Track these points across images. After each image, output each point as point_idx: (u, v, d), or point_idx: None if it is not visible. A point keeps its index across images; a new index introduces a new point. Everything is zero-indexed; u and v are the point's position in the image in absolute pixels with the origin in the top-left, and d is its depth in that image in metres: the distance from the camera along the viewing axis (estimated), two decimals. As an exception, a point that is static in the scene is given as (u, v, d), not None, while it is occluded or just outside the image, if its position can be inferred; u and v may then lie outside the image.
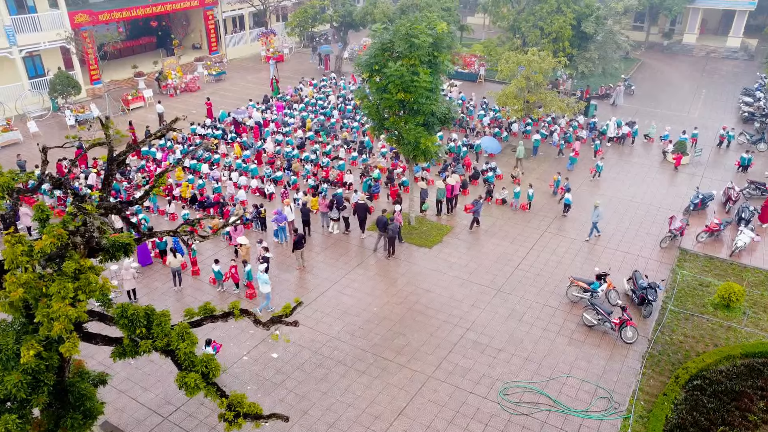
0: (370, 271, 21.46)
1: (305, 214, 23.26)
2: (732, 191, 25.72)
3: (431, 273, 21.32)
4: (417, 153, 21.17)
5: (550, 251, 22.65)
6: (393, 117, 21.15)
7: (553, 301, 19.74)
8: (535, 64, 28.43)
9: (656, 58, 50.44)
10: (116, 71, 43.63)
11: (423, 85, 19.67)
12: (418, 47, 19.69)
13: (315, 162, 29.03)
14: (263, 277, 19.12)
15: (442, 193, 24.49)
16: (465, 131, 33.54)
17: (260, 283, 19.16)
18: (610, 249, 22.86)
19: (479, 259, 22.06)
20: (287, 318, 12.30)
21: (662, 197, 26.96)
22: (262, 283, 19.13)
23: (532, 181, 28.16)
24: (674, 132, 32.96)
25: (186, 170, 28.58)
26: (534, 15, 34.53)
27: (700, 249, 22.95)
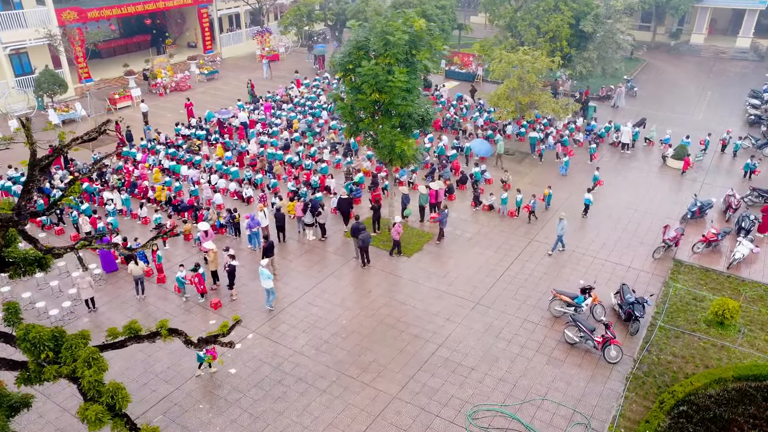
0: (343, 281, 20.40)
1: (279, 220, 22.27)
2: (732, 199, 24.35)
3: (407, 283, 20.22)
4: (393, 156, 20.09)
5: (536, 261, 21.46)
6: (368, 118, 20.08)
7: (534, 316, 18.56)
8: (527, 63, 27.21)
9: (662, 59, 48.91)
10: (108, 70, 42.94)
11: (398, 84, 18.57)
12: (393, 45, 18.60)
13: (297, 164, 28.04)
14: (265, 272, 18.28)
15: (424, 198, 23.37)
16: (457, 133, 32.37)
17: (262, 278, 18.34)
18: (599, 259, 21.63)
19: (460, 269, 20.93)
20: (223, 338, 11.28)
21: (659, 204, 25.65)
22: (264, 278, 18.29)
23: (523, 186, 26.91)
24: (676, 136, 31.56)
25: (166, 172, 27.72)
26: (530, 13, 33.30)
27: (696, 260, 21.65)
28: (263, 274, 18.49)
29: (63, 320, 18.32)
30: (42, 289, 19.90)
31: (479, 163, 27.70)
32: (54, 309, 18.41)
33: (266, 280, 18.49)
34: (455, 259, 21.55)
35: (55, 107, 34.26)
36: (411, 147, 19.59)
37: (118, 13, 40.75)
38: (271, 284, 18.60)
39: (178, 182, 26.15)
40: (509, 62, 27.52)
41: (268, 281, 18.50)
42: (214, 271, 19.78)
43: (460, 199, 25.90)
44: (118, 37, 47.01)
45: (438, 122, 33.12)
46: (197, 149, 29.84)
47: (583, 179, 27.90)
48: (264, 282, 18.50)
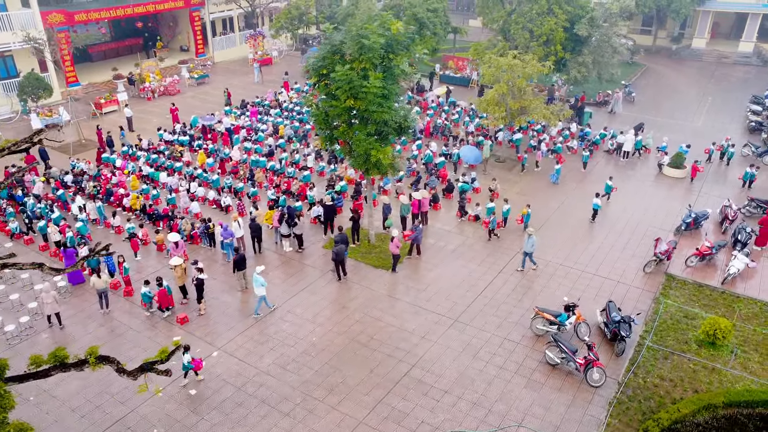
0: (317, 295, 19.53)
1: (255, 230, 21.44)
2: (729, 209, 23.34)
3: (384, 298, 19.32)
4: (368, 166, 19.22)
5: (520, 275, 20.51)
6: (343, 126, 19.23)
7: (515, 335, 17.62)
8: (517, 68, 26.30)
9: (663, 63, 47.87)
10: (98, 73, 42.34)
11: (373, 90, 17.72)
12: (368, 49, 17.76)
13: (280, 172, 27.22)
14: (258, 279, 17.82)
15: (406, 209, 22.47)
16: (447, 139, 31.48)
17: (255, 285, 17.98)
18: (587, 273, 20.67)
19: (440, 284, 20.02)
20: (161, 365, 10.43)
21: (653, 215, 24.66)
22: (257, 285, 17.91)
23: (513, 196, 26.03)
24: (674, 142, 30.56)
25: (145, 179, 26.99)
26: (524, 16, 32.41)
27: (689, 275, 20.65)
28: (257, 281, 17.88)
29: (20, 336, 17.52)
30: (1, 302, 19.11)
31: (467, 173, 26.79)
32: (10, 324, 17.61)
33: (259, 287, 17.94)
34: (436, 273, 20.64)
35: (38, 112, 33.59)
36: (387, 156, 18.71)
37: (106, 16, 40.17)
38: (264, 291, 18.11)
39: (155, 190, 25.35)
40: (498, 67, 26.62)
41: (261, 288, 17.94)
42: (182, 286, 18.95)
43: (446, 209, 25.01)
44: (110, 41, 46.47)
45: (428, 128, 32.27)
46: (179, 156, 29.08)
47: (575, 188, 26.97)
48: (257, 289, 18.00)
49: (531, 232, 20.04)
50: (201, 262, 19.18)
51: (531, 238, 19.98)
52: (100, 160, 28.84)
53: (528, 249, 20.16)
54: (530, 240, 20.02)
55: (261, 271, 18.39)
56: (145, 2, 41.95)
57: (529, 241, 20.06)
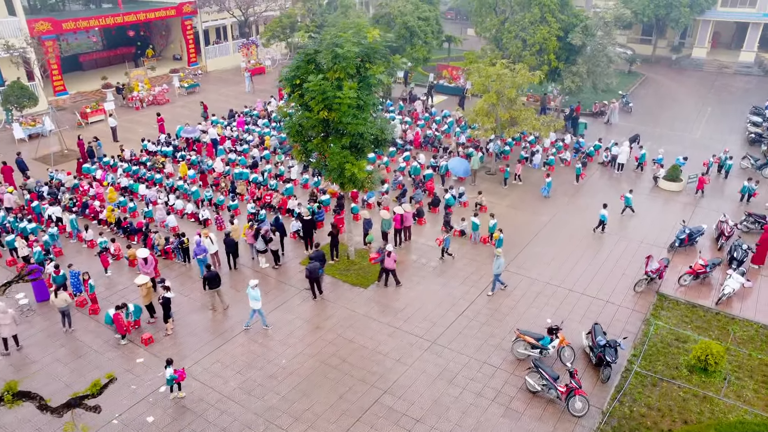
0: (290, 314, 18.67)
1: (230, 246, 20.65)
2: (725, 225, 22.38)
3: (360, 318, 18.45)
4: (343, 180, 18.42)
5: (504, 294, 19.61)
6: (317, 139, 18.46)
7: (495, 359, 16.70)
8: (506, 77, 25.51)
9: (662, 73, 47.01)
10: (88, 82, 41.82)
11: (347, 101, 16.95)
12: (343, 58, 17.01)
13: (263, 184, 26.47)
14: (252, 292, 17.25)
15: (387, 224, 21.61)
16: (437, 150, 30.68)
17: (249, 299, 17.41)
18: (575, 293, 19.74)
19: (419, 303, 19.13)
20: (91, 399, 9.59)
21: (647, 230, 23.73)
22: (251, 299, 17.33)
23: (503, 210, 25.21)
24: (671, 154, 29.67)
25: (124, 191, 26.28)
26: (516, 25, 31.67)
27: (682, 294, 19.70)
28: (250, 294, 17.30)
29: (-27, 358, 16.75)
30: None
31: (454, 186, 25.94)
32: (-37, 347, 16.86)
33: (252, 301, 17.36)
34: (416, 291, 19.76)
35: (21, 121, 33.02)
36: (363, 169, 17.90)
37: (96, 25, 39.70)
38: (259, 305, 17.50)
39: (132, 202, 24.65)
40: (487, 76, 25.84)
41: (255, 302, 17.35)
42: (150, 304, 18.14)
43: (431, 224, 24.15)
44: (101, 49, 45.99)
45: (417, 139, 31.49)
46: (161, 167, 28.38)
47: (567, 202, 26.06)
48: (252, 303, 17.42)
49: (498, 254, 18.98)
50: (169, 280, 18.38)
51: (499, 260, 18.91)
52: (81, 171, 28.17)
53: (496, 270, 19.12)
54: (498, 261, 18.94)
55: (255, 284, 17.46)
56: (136, 11, 41.52)
57: (496, 262, 18.98)
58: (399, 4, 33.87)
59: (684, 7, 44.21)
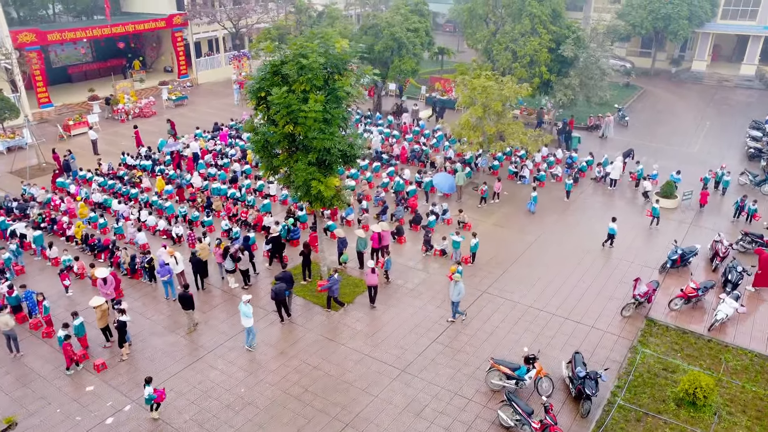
0: (255, 338, 17.64)
1: (196, 265, 19.70)
2: (720, 245, 21.27)
3: (327, 344, 17.40)
4: (310, 198, 17.47)
5: (483, 318, 18.53)
6: (283, 154, 17.55)
7: (467, 389, 15.60)
8: (492, 90, 24.60)
9: (661, 87, 46.03)
10: (76, 94, 41.19)
11: (312, 115, 16.05)
12: (308, 69, 16.14)
13: (240, 200, 25.59)
14: (244, 308, 16.55)
15: (362, 243, 20.61)
16: (423, 165, 29.75)
17: (241, 316, 16.72)
18: (558, 317, 18.63)
19: (392, 327, 18.07)
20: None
21: (638, 250, 22.64)
22: (243, 316, 16.64)
23: (488, 228, 24.21)
24: (667, 169, 28.61)
25: (97, 206, 25.46)
26: (506, 36, 30.83)
27: (673, 319, 18.57)
28: (242, 310, 16.58)
29: None
30: None
31: (437, 203, 24.93)
32: None
33: (245, 318, 16.63)
34: (390, 314, 18.72)
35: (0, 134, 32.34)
36: (330, 187, 16.94)
37: (82, 36, 39.15)
38: (251, 323, 16.75)
39: (103, 218, 23.80)
40: (472, 88, 24.96)
41: (246, 319, 16.61)
42: (105, 328, 17.17)
43: (411, 242, 23.12)
44: (91, 61, 45.46)
45: (404, 154, 30.58)
46: (138, 181, 27.56)
47: (556, 219, 25.01)
48: (243, 320, 16.71)
49: (457, 279, 17.73)
50: (129, 301, 17.45)
51: (458, 286, 17.61)
52: (55, 185, 27.39)
53: (454, 298, 17.81)
54: (456, 287, 17.63)
55: (247, 300, 16.70)
56: (124, 22, 41.02)
57: (455, 288, 17.67)
58: (387, 15, 33.15)
59: (683, 20, 43.33)
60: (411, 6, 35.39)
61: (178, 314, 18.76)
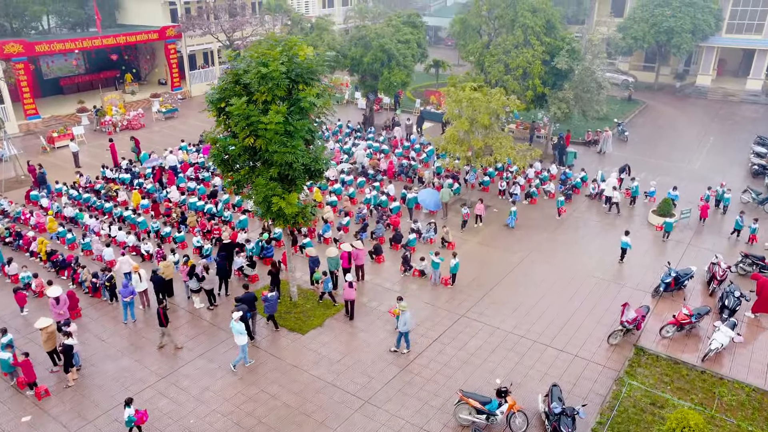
0: (213, 363, 16.54)
1: (157, 284, 18.67)
2: (717, 268, 19.94)
3: (289, 370, 16.25)
4: (272, 215, 16.43)
5: (459, 344, 17.30)
6: (245, 168, 16.55)
7: (434, 424, 14.36)
8: (478, 102, 23.56)
9: (664, 101, 44.77)
10: (67, 106, 40.63)
11: (272, 127, 15.07)
12: (270, 78, 15.19)
13: (216, 215, 24.63)
14: (237, 326, 15.76)
15: (333, 263, 19.49)
16: (411, 181, 28.68)
17: (234, 332, 15.95)
18: (540, 344, 17.37)
19: (360, 353, 16.89)
20: None
21: (631, 271, 21.36)
22: (237, 333, 15.86)
23: (473, 246, 23.07)
24: (665, 186, 27.36)
25: (70, 221, 24.63)
26: (499, 48, 29.84)
27: (664, 348, 17.25)
28: (234, 328, 15.80)
29: None
30: None
31: (418, 220, 23.81)
32: None
33: (238, 335, 15.84)
34: (359, 339, 17.54)
35: (-20, 146, 31.73)
36: (292, 204, 15.88)
37: (72, 48, 38.62)
38: (244, 340, 15.94)
39: (71, 233, 22.92)
40: (457, 101, 23.94)
41: (240, 337, 15.83)
42: (52, 351, 16.15)
43: (391, 261, 21.97)
44: (84, 73, 45.00)
45: (391, 168, 29.53)
46: (114, 195, 26.73)
47: (546, 238, 23.78)
48: (237, 338, 15.92)
49: (404, 308, 16.40)
50: (75, 324, 16.43)
51: (405, 315, 16.23)
52: (29, 198, 26.61)
53: (402, 328, 16.40)
54: (404, 317, 16.23)
55: (238, 317, 15.89)
56: (115, 34, 40.55)
57: (402, 317, 16.27)
58: (376, 27, 32.33)
59: (686, 33, 42.17)
60: (404, 18, 34.63)
61: (135, 336, 17.75)
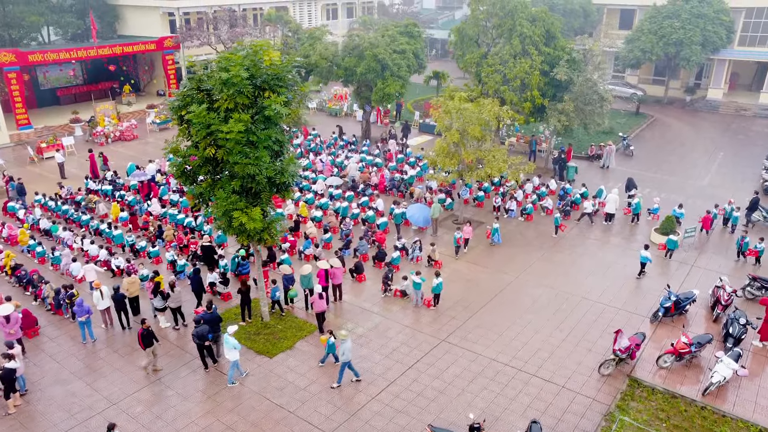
0: (170, 389, 15.39)
1: (118, 302, 17.62)
2: (722, 291, 18.47)
3: (251, 397, 15.04)
4: (235, 231, 15.33)
5: (436, 372, 15.99)
6: (206, 181, 15.52)
7: (401, 462, 13.07)
8: (469, 113, 22.42)
9: (673, 115, 43.28)
10: (60, 116, 40.15)
11: (233, 136, 14.03)
12: (231, 84, 14.19)
13: (196, 229, 23.65)
14: (231, 341, 15.02)
15: (306, 280, 18.31)
16: (402, 196, 27.51)
17: (226, 348, 15.22)
18: (525, 373, 16.00)
19: (329, 380, 15.63)
20: None
21: (628, 294, 19.93)
22: (228, 347, 15.12)
23: (462, 265, 21.81)
24: (671, 203, 25.95)
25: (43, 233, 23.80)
26: (496, 58, 28.73)
27: (661, 380, 15.81)
28: (228, 342, 15.09)
29: None
30: None
31: (401, 237, 22.60)
32: None
33: (231, 350, 15.08)
34: (330, 364, 16.25)
35: (-34, 156, 31.18)
36: (255, 219, 14.78)
37: (66, 58, 38.19)
38: (237, 356, 15.12)
39: (41, 246, 22.03)
40: (446, 111, 22.83)
41: (233, 352, 15.06)
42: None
43: (372, 281, 20.71)
44: (82, 84, 44.61)
45: (382, 183, 28.39)
46: (93, 207, 25.90)
47: (540, 257, 22.44)
48: (229, 353, 15.15)
49: (345, 336, 15.08)
50: (16, 347, 15.34)
51: (345, 344, 14.88)
52: (6, 210, 25.85)
53: (343, 357, 14.98)
54: (343, 346, 14.88)
55: (234, 332, 15.21)
56: (112, 44, 40.12)
57: (342, 346, 14.91)
58: (371, 36, 31.40)
59: (695, 45, 40.77)
60: (401, 28, 33.71)
61: (92, 357, 16.69)
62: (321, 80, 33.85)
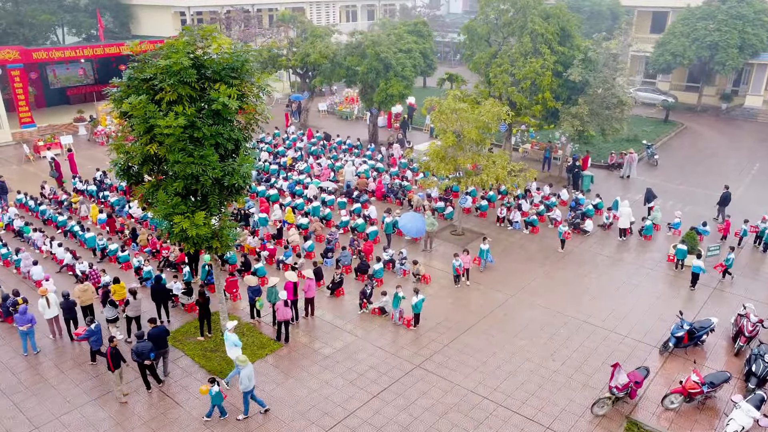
0: (106, 410, 13.82)
1: (68, 311, 16.24)
2: (746, 321, 16.03)
3: (189, 425, 13.36)
4: (178, 238, 13.73)
5: (403, 404, 14.04)
6: (150, 182, 13.99)
7: None
8: (465, 114, 20.48)
9: (706, 123, 40.30)
10: (67, 115, 39.60)
11: (172, 132, 12.46)
12: (173, 73, 12.64)
13: (171, 233, 22.25)
14: (231, 337, 14.48)
15: (273, 293, 16.60)
16: (400, 203, 25.66)
17: (227, 345, 14.66)
18: (505, 409, 13.92)
19: (282, 408, 13.84)
20: None
21: (638, 319, 17.62)
22: (229, 345, 14.54)
23: (451, 281, 19.75)
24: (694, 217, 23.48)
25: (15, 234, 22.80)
26: (506, 57, 26.68)
27: (667, 423, 13.55)
28: (228, 339, 14.51)
29: None
30: None
31: (388, 248, 20.75)
32: None
33: (232, 347, 14.44)
34: (286, 388, 14.49)
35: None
36: (198, 224, 13.14)
37: (72, 56, 37.62)
38: (238, 353, 13.99)
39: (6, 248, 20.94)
40: (441, 112, 20.95)
41: (234, 349, 14.33)
42: None
43: (352, 295, 18.89)
44: (92, 83, 44.12)
45: (380, 189, 26.58)
46: (76, 208, 24.84)
47: (543, 273, 20.29)
48: (230, 351, 14.47)
49: (243, 361, 13.03)
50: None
51: (247, 369, 12.99)
52: (-17, 211, 25.00)
53: (242, 387, 13.09)
54: (246, 371, 12.96)
55: (233, 327, 14.69)
56: (118, 43, 39.42)
57: (244, 372, 12.96)
58: (374, 35, 29.73)
59: (732, 49, 37.83)
60: (410, 26, 31.98)
61: (30, 372, 15.29)
62: (325, 80, 32.37)
